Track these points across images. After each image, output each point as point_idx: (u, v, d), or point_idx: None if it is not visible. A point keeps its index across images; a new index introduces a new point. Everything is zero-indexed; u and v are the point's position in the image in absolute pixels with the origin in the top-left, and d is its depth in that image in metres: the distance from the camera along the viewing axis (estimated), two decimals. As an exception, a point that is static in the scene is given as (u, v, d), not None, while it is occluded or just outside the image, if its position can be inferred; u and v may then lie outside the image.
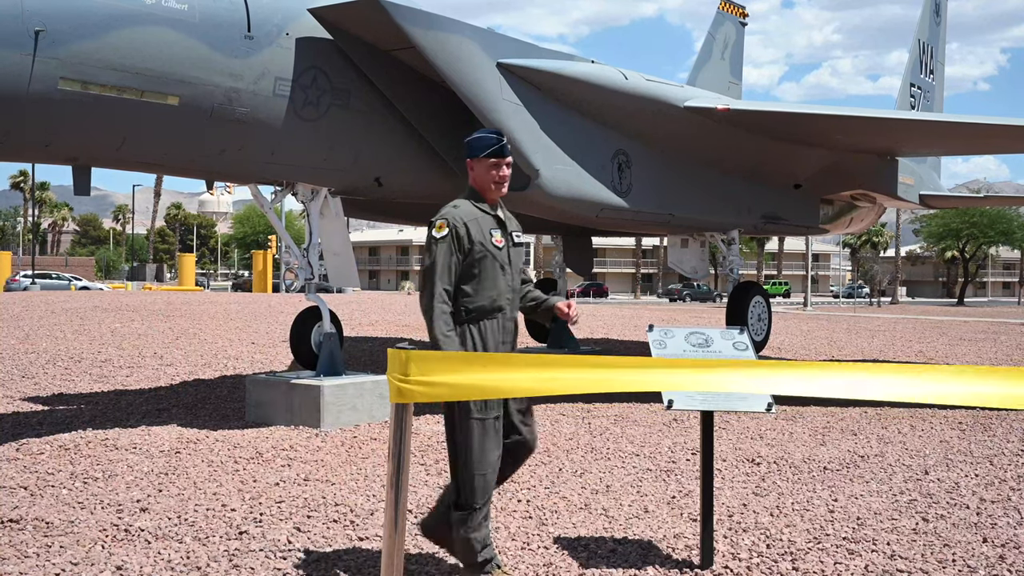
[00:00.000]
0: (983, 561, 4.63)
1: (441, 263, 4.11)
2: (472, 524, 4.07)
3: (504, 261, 4.22)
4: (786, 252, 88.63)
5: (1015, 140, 12.42)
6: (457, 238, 4.13)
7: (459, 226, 4.15)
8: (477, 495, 4.08)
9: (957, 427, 8.41)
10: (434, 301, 4.08)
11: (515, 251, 4.30)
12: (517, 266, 4.31)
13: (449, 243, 4.13)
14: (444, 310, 4.08)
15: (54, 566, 4.35)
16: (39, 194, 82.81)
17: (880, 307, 54.30)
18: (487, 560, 4.10)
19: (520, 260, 4.36)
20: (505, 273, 4.22)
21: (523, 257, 4.41)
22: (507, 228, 4.29)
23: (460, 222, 4.16)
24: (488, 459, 4.09)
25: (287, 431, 7.75)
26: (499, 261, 4.20)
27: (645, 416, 8.72)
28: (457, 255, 4.13)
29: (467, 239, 4.14)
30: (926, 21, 18.63)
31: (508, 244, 4.26)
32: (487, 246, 4.18)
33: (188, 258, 58.66)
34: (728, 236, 13.23)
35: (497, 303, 4.18)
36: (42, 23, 6.32)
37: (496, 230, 4.23)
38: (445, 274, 4.11)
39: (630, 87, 10.31)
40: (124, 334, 16.25)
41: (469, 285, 4.15)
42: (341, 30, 8.17)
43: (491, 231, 4.21)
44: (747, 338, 4.80)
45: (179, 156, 7.64)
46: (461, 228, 4.14)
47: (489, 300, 4.17)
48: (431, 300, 4.09)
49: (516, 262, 4.30)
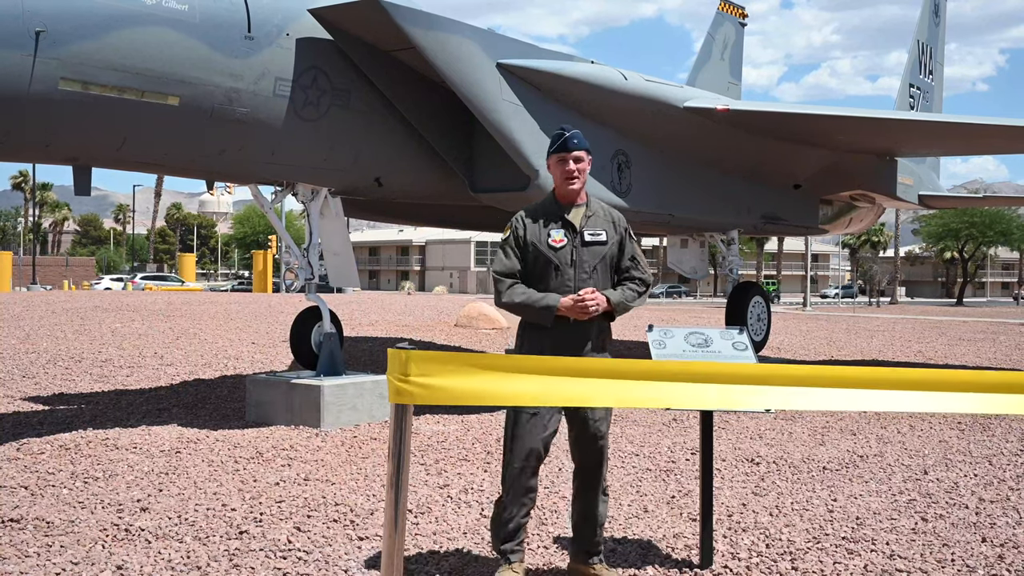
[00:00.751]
0: (982, 561, 4.64)
1: (499, 262, 4.23)
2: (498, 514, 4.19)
3: (561, 261, 4.16)
4: (785, 252, 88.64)
5: (1014, 140, 12.43)
6: (515, 238, 4.23)
7: (519, 227, 4.23)
8: (505, 485, 4.18)
9: (956, 427, 8.42)
10: (499, 287, 4.18)
11: (584, 250, 4.19)
12: (589, 265, 4.18)
13: (509, 245, 4.24)
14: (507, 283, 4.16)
15: (54, 566, 4.36)
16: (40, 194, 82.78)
17: (879, 307, 54.30)
18: (506, 552, 4.15)
19: (598, 259, 4.20)
20: (560, 273, 4.15)
21: (607, 257, 4.23)
22: (576, 228, 4.21)
23: (520, 223, 4.24)
24: (516, 452, 4.12)
25: (287, 431, 7.75)
26: (554, 261, 4.16)
27: (644, 416, 8.73)
28: (515, 254, 4.21)
29: (523, 239, 4.20)
30: (925, 22, 18.64)
31: (571, 243, 4.19)
32: (540, 246, 4.18)
33: (188, 258, 58.66)
34: (728, 236, 13.24)
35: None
36: (43, 23, 6.33)
37: (558, 229, 4.19)
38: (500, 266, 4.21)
39: (630, 87, 10.31)
40: (124, 334, 16.25)
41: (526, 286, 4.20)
42: (341, 30, 8.17)
43: (551, 231, 4.19)
44: (746, 338, 4.80)
45: (179, 156, 7.64)
46: (520, 228, 4.23)
47: None
48: (497, 292, 4.19)
49: (585, 261, 4.18)
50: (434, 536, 4.93)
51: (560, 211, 4.24)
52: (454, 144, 9.25)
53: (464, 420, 8.31)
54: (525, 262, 4.19)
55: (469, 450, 7.08)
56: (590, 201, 4.32)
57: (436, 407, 8.43)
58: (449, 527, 5.09)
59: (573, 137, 4.24)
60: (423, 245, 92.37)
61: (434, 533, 4.98)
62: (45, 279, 54.58)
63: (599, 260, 4.22)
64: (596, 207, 4.32)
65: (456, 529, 5.05)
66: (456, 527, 5.09)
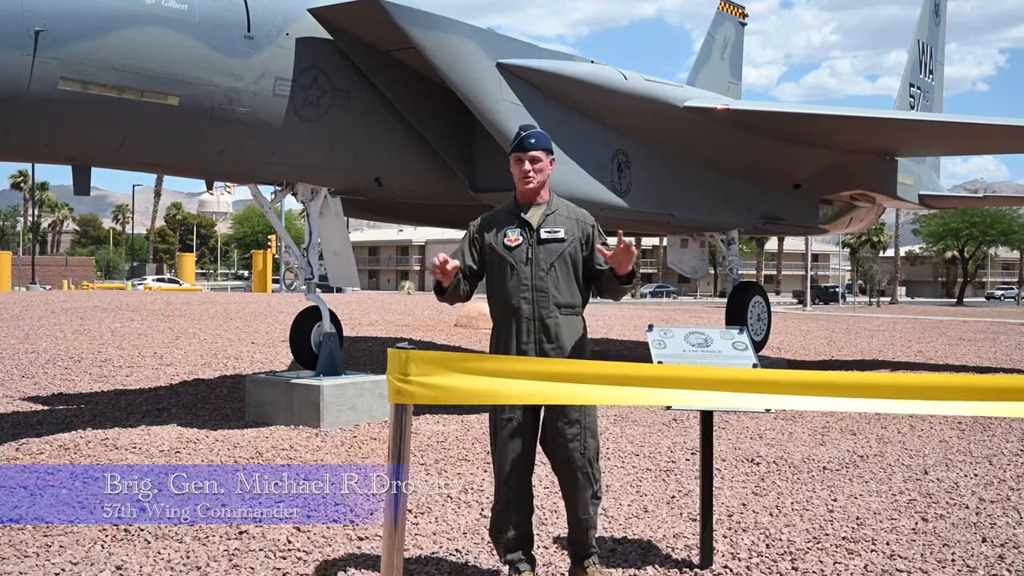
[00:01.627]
0: (982, 561, 4.64)
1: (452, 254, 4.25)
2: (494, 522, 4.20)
3: (516, 260, 4.16)
4: (786, 252, 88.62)
5: (1014, 140, 12.44)
6: (470, 240, 4.31)
7: (474, 229, 4.31)
8: (497, 492, 4.18)
9: (956, 427, 8.41)
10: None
11: (540, 248, 4.17)
12: (546, 263, 4.15)
13: (464, 243, 4.33)
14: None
15: (54, 566, 4.36)
16: (39, 194, 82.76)
17: (879, 307, 54.30)
18: (513, 563, 4.16)
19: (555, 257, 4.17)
20: (515, 272, 4.15)
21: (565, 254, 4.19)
22: (532, 225, 4.21)
23: (478, 225, 4.32)
24: (501, 458, 4.13)
25: (287, 431, 7.75)
26: (509, 260, 4.17)
27: (644, 416, 8.73)
28: (470, 252, 4.28)
29: (479, 240, 4.27)
30: (925, 21, 18.64)
31: (527, 241, 4.18)
32: (496, 246, 4.21)
33: (188, 258, 58.62)
34: (728, 236, 13.23)
35: (511, 303, 4.15)
36: (42, 23, 6.32)
37: (514, 229, 4.20)
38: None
39: (630, 87, 10.31)
40: (124, 334, 16.25)
41: (489, 288, 4.27)
42: (341, 30, 8.17)
43: (507, 231, 4.20)
44: (747, 338, 4.79)
45: (179, 156, 7.64)
46: (477, 230, 4.30)
47: (501, 301, 4.19)
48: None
49: (542, 259, 4.16)
50: (434, 536, 4.93)
51: (518, 210, 4.26)
52: (454, 144, 9.25)
53: (464, 420, 8.31)
54: (484, 263, 4.27)
55: (469, 450, 7.08)
56: (552, 199, 4.30)
57: (436, 407, 8.42)
58: (449, 527, 5.09)
59: (530, 136, 4.22)
60: (423, 245, 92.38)
61: (434, 533, 4.98)
62: (44, 279, 54.56)
63: (556, 258, 4.18)
64: (558, 205, 4.30)
65: (456, 529, 5.05)
66: (456, 527, 5.08)
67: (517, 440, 4.11)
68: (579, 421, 4.13)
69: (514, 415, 4.10)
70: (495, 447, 4.17)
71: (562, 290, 4.18)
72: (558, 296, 4.16)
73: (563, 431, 4.12)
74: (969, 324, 27.27)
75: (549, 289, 4.15)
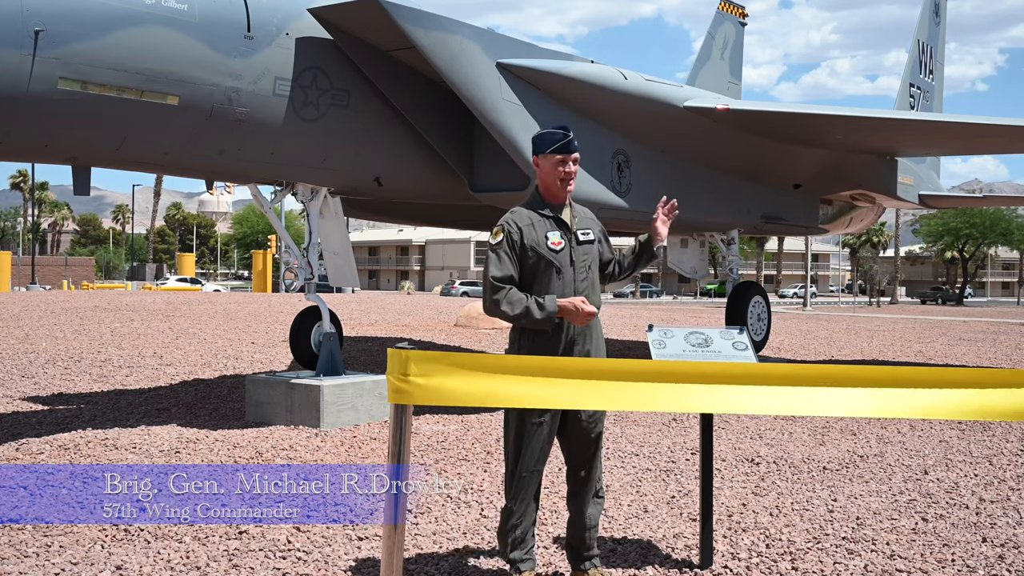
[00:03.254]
0: (982, 561, 4.64)
1: (495, 267, 4.10)
2: (505, 522, 4.16)
3: (562, 263, 4.15)
4: (786, 252, 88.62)
5: (1014, 140, 12.43)
6: (510, 243, 4.13)
7: (513, 231, 4.14)
8: (510, 493, 4.16)
9: (956, 427, 8.41)
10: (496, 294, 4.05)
11: (580, 250, 4.21)
12: (585, 265, 4.21)
13: (503, 249, 4.12)
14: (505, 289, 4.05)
15: (54, 566, 4.36)
16: (39, 194, 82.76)
17: (879, 307, 54.31)
18: (515, 561, 4.15)
19: (591, 258, 4.24)
20: (561, 276, 4.14)
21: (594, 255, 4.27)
22: (570, 228, 4.22)
23: (515, 227, 4.15)
24: (526, 462, 4.12)
25: (287, 431, 7.75)
26: (555, 264, 4.14)
27: (644, 416, 8.72)
28: (513, 258, 4.12)
29: (520, 243, 4.13)
30: (925, 21, 18.64)
31: (570, 245, 4.19)
32: (540, 249, 4.14)
33: (187, 258, 58.61)
34: (728, 236, 13.23)
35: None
36: (42, 23, 6.32)
37: (554, 232, 4.18)
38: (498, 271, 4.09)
39: (629, 87, 10.31)
40: (124, 334, 16.25)
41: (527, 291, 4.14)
42: (341, 30, 8.17)
43: (547, 234, 4.17)
44: (747, 338, 4.79)
45: (179, 156, 7.63)
46: (515, 233, 4.14)
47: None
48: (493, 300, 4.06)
49: (582, 262, 4.20)
50: (434, 536, 4.93)
51: (553, 212, 4.23)
52: (454, 144, 9.24)
53: (464, 420, 8.31)
54: (522, 266, 4.14)
55: (469, 450, 7.07)
56: (570, 200, 4.32)
57: (436, 407, 8.42)
58: (449, 527, 5.08)
59: (574, 138, 4.22)
60: (423, 245, 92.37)
61: (434, 533, 4.98)
62: (44, 279, 54.56)
63: (591, 259, 4.26)
64: (577, 207, 4.36)
65: (456, 529, 5.05)
66: (456, 527, 5.08)
67: (547, 443, 4.15)
68: (600, 419, 4.24)
69: (544, 419, 4.09)
70: (518, 448, 4.12)
71: (596, 290, 4.27)
72: (594, 296, 4.22)
73: (590, 429, 4.20)
74: (969, 324, 27.27)
75: (590, 290, 4.20)
